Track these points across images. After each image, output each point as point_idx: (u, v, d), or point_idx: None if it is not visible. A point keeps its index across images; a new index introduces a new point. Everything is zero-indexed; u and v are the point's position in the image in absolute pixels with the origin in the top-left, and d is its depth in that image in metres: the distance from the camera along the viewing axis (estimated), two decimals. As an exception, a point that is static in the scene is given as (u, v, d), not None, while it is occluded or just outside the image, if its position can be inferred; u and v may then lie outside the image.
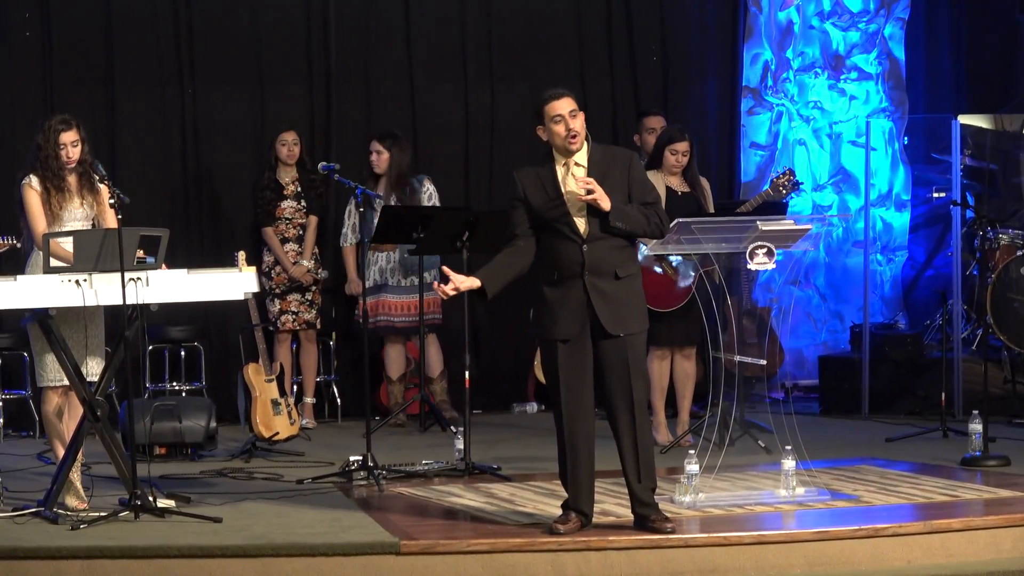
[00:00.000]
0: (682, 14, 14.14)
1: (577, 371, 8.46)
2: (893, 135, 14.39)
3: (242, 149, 13.46)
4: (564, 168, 8.50)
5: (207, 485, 10.24)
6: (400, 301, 12.72)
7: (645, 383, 8.67)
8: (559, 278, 8.42)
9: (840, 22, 14.32)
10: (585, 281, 8.39)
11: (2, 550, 8.38)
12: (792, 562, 8.49)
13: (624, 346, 8.49)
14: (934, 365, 13.09)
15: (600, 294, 8.40)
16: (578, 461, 8.54)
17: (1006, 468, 10.38)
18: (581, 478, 8.56)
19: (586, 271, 8.38)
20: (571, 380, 8.46)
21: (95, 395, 9.27)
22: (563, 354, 8.44)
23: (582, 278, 8.39)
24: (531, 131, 13.48)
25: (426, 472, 10.45)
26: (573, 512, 8.55)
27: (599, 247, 8.38)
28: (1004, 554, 8.70)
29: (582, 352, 8.45)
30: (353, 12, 13.62)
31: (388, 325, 12.74)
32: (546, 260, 8.46)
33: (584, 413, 8.49)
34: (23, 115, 12.79)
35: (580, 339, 8.43)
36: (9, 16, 13.09)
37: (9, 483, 9.92)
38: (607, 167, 8.50)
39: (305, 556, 8.34)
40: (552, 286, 8.44)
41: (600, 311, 8.39)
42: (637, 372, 8.53)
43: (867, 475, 10.25)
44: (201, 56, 13.39)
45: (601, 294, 8.41)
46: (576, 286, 8.40)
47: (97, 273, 9.03)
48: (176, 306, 9.84)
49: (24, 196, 9.45)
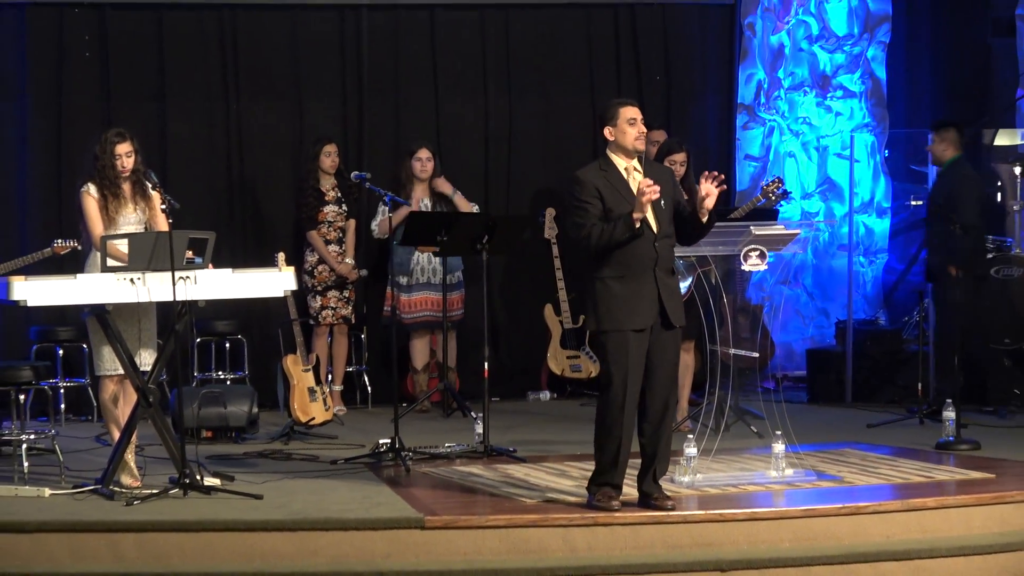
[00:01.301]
0: (683, 37, 14.12)
1: (640, 360, 8.46)
2: (875, 148, 14.37)
3: (281, 159, 13.47)
4: (626, 172, 8.54)
5: (249, 465, 10.26)
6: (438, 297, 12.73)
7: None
8: (630, 273, 8.43)
9: (827, 45, 14.30)
10: (656, 275, 8.43)
11: (63, 524, 8.41)
12: (781, 537, 8.50)
13: (678, 337, 8.60)
14: (912, 358, 13.08)
15: (666, 288, 8.47)
16: (625, 443, 8.54)
17: (976, 452, 10.38)
18: (623, 458, 8.58)
19: (657, 266, 8.42)
20: (637, 368, 8.45)
21: (148, 383, 9.29)
22: (635, 343, 8.43)
23: (653, 272, 8.43)
24: (545, 141, 13.68)
25: (448, 454, 10.47)
26: (612, 488, 8.56)
27: (664, 244, 8.47)
28: (975, 530, 8.71)
29: (645, 343, 8.47)
30: (383, 33, 13.61)
31: (424, 320, 12.72)
32: (615, 256, 8.42)
33: (636, 398, 8.51)
34: (82, 128, 12.77)
35: (648, 330, 8.47)
36: (70, 37, 13.11)
37: (69, 463, 9.95)
38: (659, 174, 8.60)
39: (338, 530, 8.36)
40: (622, 280, 8.43)
41: (667, 303, 8.45)
42: (676, 362, 8.60)
43: (850, 458, 10.25)
44: (244, 74, 13.40)
45: (667, 288, 8.47)
46: (648, 280, 8.42)
47: (150, 272, 9.04)
48: (221, 302, 9.87)
49: (83, 202, 9.48)
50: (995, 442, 10.74)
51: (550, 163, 13.75)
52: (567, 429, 11.79)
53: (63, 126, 13.08)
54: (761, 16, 14.18)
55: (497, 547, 8.31)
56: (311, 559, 8.24)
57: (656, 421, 8.57)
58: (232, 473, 9.61)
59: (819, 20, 14.25)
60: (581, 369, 13.08)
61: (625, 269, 8.42)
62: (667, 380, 8.57)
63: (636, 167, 8.54)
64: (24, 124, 13.08)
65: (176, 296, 9.01)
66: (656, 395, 8.53)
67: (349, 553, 8.28)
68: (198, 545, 8.31)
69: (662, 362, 8.52)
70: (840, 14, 14.26)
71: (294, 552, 8.27)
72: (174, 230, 9.12)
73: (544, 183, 13.66)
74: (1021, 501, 8.88)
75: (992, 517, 8.78)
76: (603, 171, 8.54)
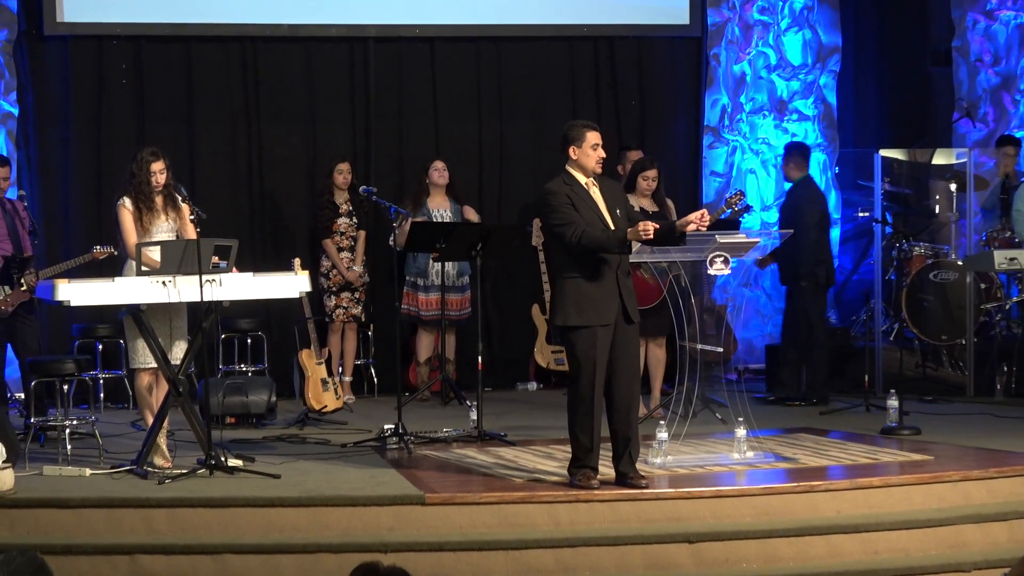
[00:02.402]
0: (656, 67, 14.12)
1: (605, 353, 8.50)
2: (827, 165, 14.37)
3: (297, 175, 13.46)
4: (587, 185, 8.64)
5: (268, 448, 10.26)
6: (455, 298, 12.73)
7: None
8: (598, 275, 8.49)
9: (784, 74, 14.30)
10: (618, 277, 8.49)
11: (101, 500, 8.41)
12: (743, 512, 8.51)
13: (637, 331, 8.64)
14: (859, 352, 13.10)
15: (625, 287, 8.55)
16: (597, 429, 8.56)
17: (917, 436, 10.38)
18: (597, 442, 8.59)
19: (619, 269, 8.49)
20: (603, 360, 8.49)
21: (178, 374, 9.30)
22: (602, 337, 8.47)
23: (616, 274, 8.48)
24: (534, 161, 13.66)
25: (446, 438, 10.46)
26: (591, 469, 8.57)
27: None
28: (915, 505, 8.72)
29: (609, 337, 8.50)
30: (388, 63, 13.61)
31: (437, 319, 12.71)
32: (583, 260, 8.48)
33: (601, 387, 8.55)
34: (119, 148, 12.76)
35: (611, 325, 8.50)
36: (109, 67, 13.10)
37: (108, 446, 9.95)
38: (612, 189, 8.79)
39: (348, 506, 8.36)
40: (589, 280, 8.48)
41: (627, 301, 8.53)
42: (639, 355, 8.64)
43: (804, 442, 10.26)
44: (264, 99, 13.39)
45: (626, 287, 8.56)
46: (612, 281, 8.49)
47: (180, 275, 9.05)
48: (243, 302, 9.85)
49: (119, 215, 9.48)
50: (934, 428, 10.74)
51: (538, 179, 13.62)
52: (552, 416, 11.76)
53: (102, 146, 13.07)
54: (725, 48, 14.18)
55: (489, 521, 8.32)
56: (323, 532, 8.24)
57: (624, 409, 8.60)
58: (253, 455, 9.61)
59: (777, 51, 14.26)
60: (564, 362, 13.05)
61: (594, 271, 8.51)
62: (632, 370, 8.66)
63: (593, 181, 8.66)
64: (68, 144, 13.07)
65: (203, 297, 9.01)
66: (622, 384, 8.58)
67: (357, 527, 8.29)
68: (223, 519, 8.31)
69: (625, 354, 8.59)
70: (795, 46, 14.27)
71: (308, 525, 8.27)
72: (201, 238, 9.14)
73: (532, 197, 13.61)
74: (956, 480, 8.89)
75: (931, 494, 8.79)
76: (568, 184, 8.64)
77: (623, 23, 13.89)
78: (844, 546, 8.36)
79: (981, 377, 12.73)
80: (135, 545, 8.11)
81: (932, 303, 12.87)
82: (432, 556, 7.99)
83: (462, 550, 8.10)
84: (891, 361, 13.10)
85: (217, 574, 7.86)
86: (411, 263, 12.73)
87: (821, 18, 14.30)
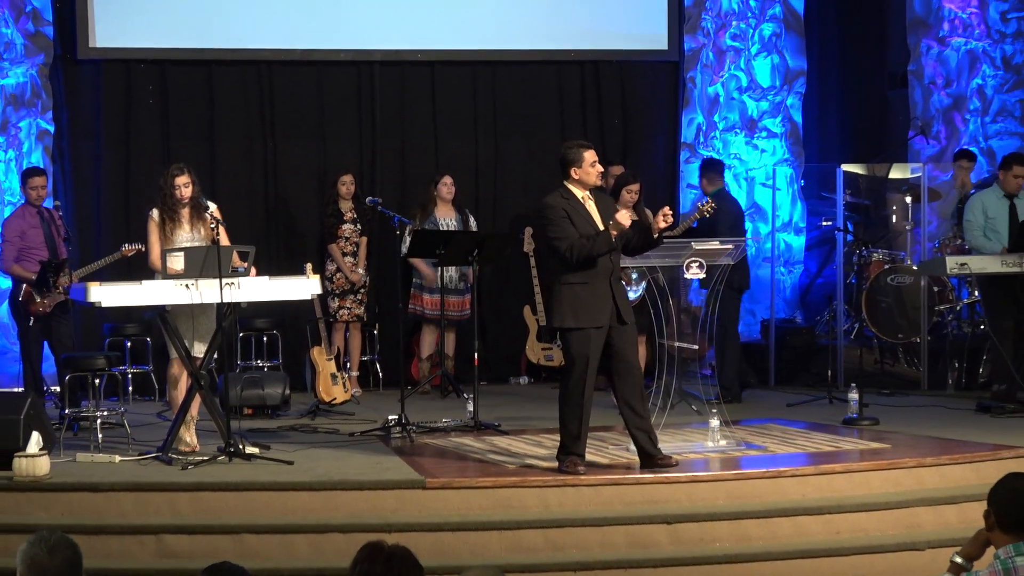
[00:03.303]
0: (637, 89, 14.12)
1: (598, 352, 8.51)
2: (793, 179, 14.36)
3: (308, 187, 13.45)
4: (583, 199, 8.62)
5: (283, 437, 10.25)
6: (456, 300, 12.72)
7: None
8: (592, 280, 8.49)
9: (754, 95, 14.29)
10: (611, 282, 8.48)
11: (130, 484, 8.42)
12: (716, 495, 8.51)
13: (634, 331, 8.63)
14: (823, 350, 13.10)
15: (618, 291, 8.55)
16: (585, 420, 8.59)
17: (876, 426, 10.38)
18: (584, 432, 8.62)
19: (612, 275, 8.48)
20: (595, 359, 8.50)
21: (200, 369, 9.29)
22: (595, 337, 8.47)
23: (609, 279, 8.46)
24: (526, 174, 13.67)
25: (445, 427, 10.47)
26: (578, 456, 8.59)
27: (615, 257, 8.57)
28: (874, 490, 8.72)
29: (603, 337, 8.50)
30: (392, 85, 13.60)
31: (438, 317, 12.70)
32: (577, 268, 8.48)
33: (592, 384, 8.59)
34: (146, 161, 12.81)
35: (605, 327, 8.50)
36: (137, 88, 13.10)
37: (135, 435, 9.95)
38: (606, 201, 8.78)
39: (355, 490, 8.37)
40: (585, 286, 8.49)
41: (619, 304, 8.52)
42: (636, 350, 8.63)
43: (773, 431, 10.26)
44: (278, 117, 13.39)
45: (618, 291, 8.56)
46: (605, 285, 8.49)
47: (202, 279, 9.05)
48: (259, 304, 9.85)
49: (147, 226, 9.53)
50: (891, 419, 10.74)
51: (528, 191, 13.71)
52: (542, 407, 11.76)
53: (130, 160, 13.07)
54: (700, 71, 14.18)
55: (485, 504, 8.32)
56: (333, 513, 8.24)
57: (634, 403, 8.62)
58: (268, 443, 9.60)
59: (747, 74, 14.25)
60: (553, 358, 13.07)
61: (590, 276, 8.49)
62: (632, 366, 8.61)
63: (589, 195, 8.64)
64: (99, 158, 13.07)
65: (223, 299, 9.02)
66: (627, 382, 8.58)
67: (364, 508, 8.29)
68: (241, 502, 8.32)
69: (624, 353, 8.58)
70: (765, 69, 14.27)
71: (319, 507, 8.27)
72: (221, 245, 9.14)
73: (524, 208, 13.64)
74: (911, 467, 8.90)
75: (888, 479, 8.79)
76: (565, 198, 8.62)
77: (607, 48, 13.90)
78: (809, 527, 8.37)
79: (934, 372, 12.75)
80: (160, 525, 8.11)
81: (889, 304, 12.87)
82: (432, 536, 7.99)
83: (459, 530, 8.10)
84: (852, 357, 13.11)
85: (236, 552, 7.84)
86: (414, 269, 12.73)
87: (788, 44, 14.30)
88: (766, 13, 14.22)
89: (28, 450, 8.48)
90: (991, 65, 14.38)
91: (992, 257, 11.18)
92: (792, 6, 14.29)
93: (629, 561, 8.00)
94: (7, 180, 12.71)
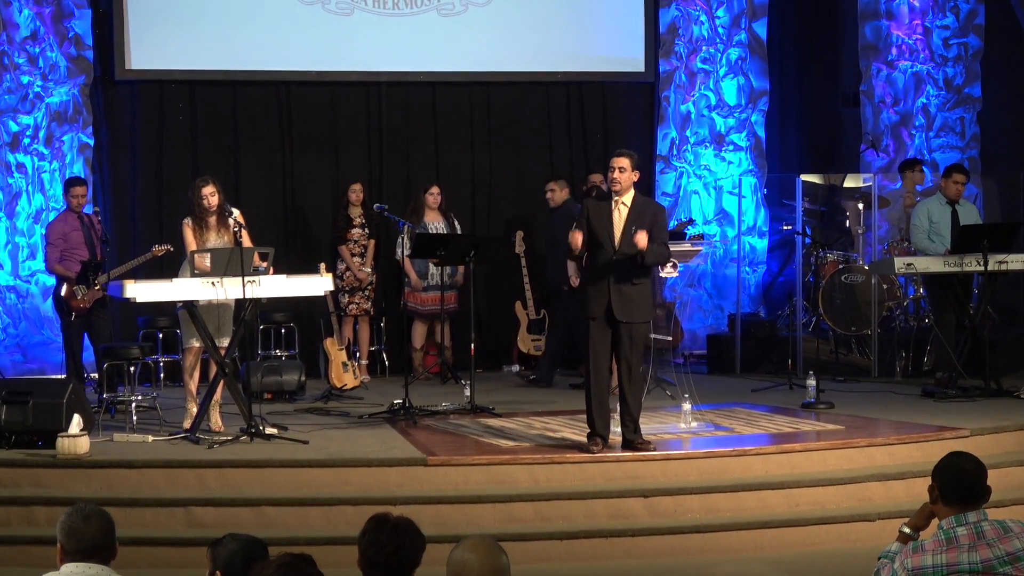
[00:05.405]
0: (617, 107, 14.10)
1: (602, 341, 8.54)
2: (756, 187, 14.34)
3: (322, 195, 13.41)
4: (614, 204, 8.61)
5: (299, 418, 10.23)
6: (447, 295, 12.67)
7: (640, 356, 8.72)
8: (593, 278, 8.57)
9: (722, 112, 14.27)
10: (610, 282, 8.48)
11: (161, 461, 8.41)
12: (688, 472, 8.51)
13: (630, 330, 8.54)
14: (784, 341, 13.09)
15: (616, 291, 8.51)
16: (596, 403, 8.63)
17: (831, 410, 10.37)
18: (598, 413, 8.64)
19: (612, 276, 8.48)
20: (596, 346, 8.53)
21: (224, 358, 9.27)
22: (596, 328, 8.52)
23: (608, 280, 8.49)
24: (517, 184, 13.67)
25: (445, 411, 10.43)
26: (599, 436, 8.59)
27: (623, 261, 8.53)
28: (829, 467, 8.73)
29: (604, 329, 8.51)
30: (398, 103, 13.57)
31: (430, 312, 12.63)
32: (586, 265, 8.62)
33: (603, 370, 8.61)
34: (177, 172, 12.78)
35: (603, 320, 8.49)
36: (168, 106, 13.06)
37: (167, 417, 9.92)
38: (643, 211, 8.66)
39: (364, 466, 8.37)
40: (589, 283, 8.61)
41: (614, 303, 8.49)
42: (636, 348, 8.59)
43: (738, 414, 10.25)
44: (296, 133, 13.35)
45: (617, 291, 8.51)
46: (603, 284, 8.52)
47: (226, 277, 9.03)
48: (278, 299, 9.82)
49: (182, 231, 9.56)
50: (845, 403, 10.73)
51: (519, 199, 13.73)
52: (532, 393, 11.79)
53: (163, 171, 13.03)
54: (674, 91, 14.16)
55: (480, 479, 8.31)
56: (344, 487, 8.23)
57: (624, 392, 8.64)
58: (286, 424, 9.59)
59: (716, 94, 14.23)
60: (541, 348, 13.04)
61: (588, 273, 8.61)
62: (630, 363, 8.61)
63: (624, 202, 8.60)
64: (135, 169, 13.03)
65: (245, 295, 9.00)
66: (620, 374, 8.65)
67: (372, 483, 8.28)
68: (261, 477, 8.31)
69: (623, 348, 8.57)
70: (731, 89, 14.25)
71: (332, 482, 8.27)
72: (244, 247, 9.13)
73: (514, 214, 13.66)
74: (863, 446, 8.91)
75: (842, 457, 8.80)
76: (601, 203, 8.71)
77: (590, 71, 13.87)
78: (771, 500, 8.37)
79: (883, 361, 12.74)
80: (189, 499, 8.11)
81: (843, 300, 12.86)
82: (433, 508, 7.98)
83: (457, 503, 8.11)
84: (809, 348, 13.06)
85: (257, 522, 7.84)
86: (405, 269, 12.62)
87: (752, 67, 14.29)
88: (733, 39, 14.21)
89: (70, 431, 8.48)
90: (934, 86, 14.39)
91: (936, 258, 11.23)
92: (756, 33, 14.28)
93: (610, 531, 8.00)
94: (52, 188, 12.69)
